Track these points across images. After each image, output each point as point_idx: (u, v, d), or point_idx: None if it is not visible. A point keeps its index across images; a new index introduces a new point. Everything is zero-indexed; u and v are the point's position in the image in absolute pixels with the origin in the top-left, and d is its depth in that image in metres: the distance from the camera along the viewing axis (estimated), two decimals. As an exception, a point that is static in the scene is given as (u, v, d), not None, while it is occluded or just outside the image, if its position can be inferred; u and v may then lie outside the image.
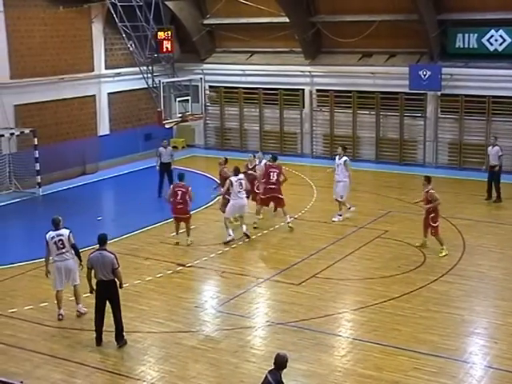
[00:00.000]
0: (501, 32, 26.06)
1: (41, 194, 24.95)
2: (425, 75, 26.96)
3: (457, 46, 26.90)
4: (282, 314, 14.61)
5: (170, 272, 17.06)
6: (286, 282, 16.30)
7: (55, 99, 26.86)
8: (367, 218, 21.02)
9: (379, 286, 15.97)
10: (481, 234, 19.66)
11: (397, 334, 13.49)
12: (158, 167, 24.21)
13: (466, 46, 26.75)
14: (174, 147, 32.03)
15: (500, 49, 26.16)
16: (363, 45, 28.33)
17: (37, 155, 24.96)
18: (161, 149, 24.34)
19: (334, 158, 21.68)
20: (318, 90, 30.08)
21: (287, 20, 28.89)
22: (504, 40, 26.05)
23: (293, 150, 30.72)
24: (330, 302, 15.12)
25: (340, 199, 20.89)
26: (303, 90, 30.25)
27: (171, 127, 30.37)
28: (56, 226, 14.65)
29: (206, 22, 31.82)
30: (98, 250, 13.46)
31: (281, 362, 9.55)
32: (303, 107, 30.39)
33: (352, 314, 14.51)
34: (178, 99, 28.65)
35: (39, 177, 25.11)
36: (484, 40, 26.36)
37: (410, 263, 17.24)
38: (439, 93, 27.40)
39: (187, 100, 28.87)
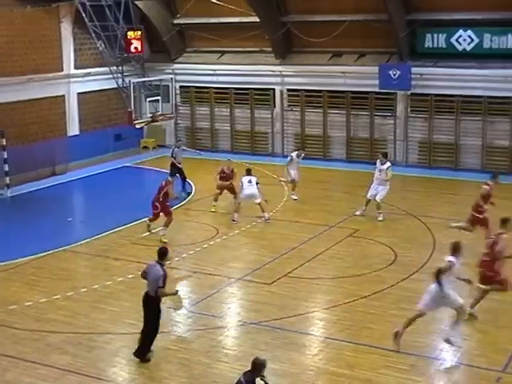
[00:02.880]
0: (469, 32, 26.29)
1: (9, 195, 24.65)
2: (394, 75, 27.12)
3: (426, 45, 27.10)
4: (254, 314, 14.60)
5: (141, 272, 16.90)
6: (258, 281, 16.29)
7: (24, 99, 26.53)
8: (338, 217, 21.08)
9: (350, 284, 16.03)
10: (451, 232, 19.79)
11: (368, 332, 13.55)
12: (179, 164, 24.14)
13: (435, 45, 26.96)
14: (145, 147, 31.97)
15: (468, 48, 26.41)
16: (333, 44, 28.41)
17: (5, 156, 24.67)
18: (176, 150, 24.27)
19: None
20: (288, 90, 30.11)
21: (257, 20, 28.91)
22: (472, 40, 26.30)
23: (264, 150, 30.72)
24: (301, 301, 15.13)
25: (379, 200, 20.76)
26: (274, 89, 30.28)
27: (142, 127, 30.25)
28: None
29: (176, 21, 31.69)
30: (156, 260, 12.74)
31: (259, 367, 9.55)
32: (274, 107, 30.41)
33: (324, 312, 14.54)
34: (148, 99, 28.58)
35: (8, 178, 24.80)
36: (453, 40, 26.60)
37: (381, 262, 17.33)
38: (409, 92, 27.59)
39: (158, 100, 28.80)
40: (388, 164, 20.79)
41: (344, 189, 24.75)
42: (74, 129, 29.28)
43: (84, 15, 26.94)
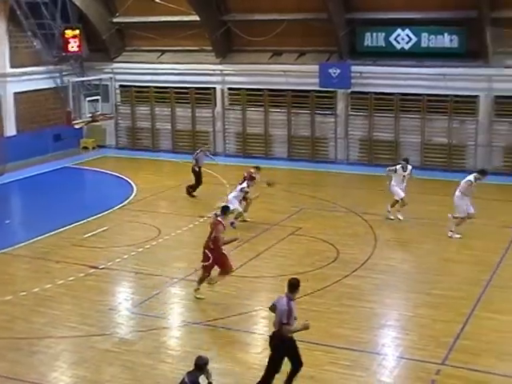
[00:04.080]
0: (407, 31, 26.68)
1: None
2: (334, 73, 27.36)
3: (365, 44, 27.38)
4: (198, 314, 14.53)
5: (82, 275, 16.69)
6: (201, 281, 16.19)
7: (-42, 99, 25.94)
8: (280, 215, 21.15)
9: (293, 282, 16.03)
10: (391, 229, 20.10)
11: (311, 329, 13.55)
12: (197, 168, 23.61)
13: (374, 44, 27.26)
14: (85, 148, 31.55)
15: (407, 47, 26.78)
16: (273, 43, 28.50)
17: None
18: (200, 154, 23.86)
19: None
20: (229, 89, 30.08)
21: (198, 18, 28.79)
22: (410, 39, 26.69)
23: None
24: (244, 299, 15.12)
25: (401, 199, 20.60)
26: (215, 88, 30.21)
27: (81, 127, 29.84)
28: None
29: (115, 20, 31.31)
30: (286, 292, 11.29)
31: (201, 364, 9.51)
32: (215, 106, 30.34)
33: (267, 311, 14.48)
34: (87, 99, 28.20)
35: None
36: (391, 39, 26.94)
37: (323, 259, 17.43)
38: (349, 90, 27.86)
39: (97, 100, 28.44)
40: (410, 167, 20.75)
41: (286, 187, 24.81)
42: (11, 129, 28.69)
43: (19, 12, 26.37)
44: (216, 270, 15.27)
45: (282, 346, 11.09)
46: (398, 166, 20.58)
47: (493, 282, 15.83)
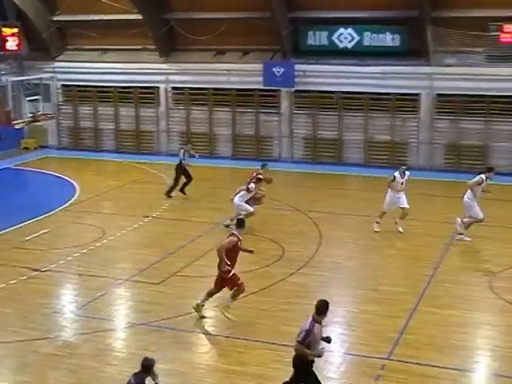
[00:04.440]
0: (349, 30, 26.94)
1: None
2: (278, 72, 27.45)
3: (308, 43, 27.55)
4: (143, 315, 14.37)
5: (24, 278, 16.35)
6: (146, 281, 16.05)
7: None
8: (225, 214, 21.08)
9: (239, 281, 16.01)
10: (336, 226, 20.24)
11: (258, 327, 13.61)
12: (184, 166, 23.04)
13: (317, 43, 27.45)
14: (26, 148, 30.98)
15: (349, 46, 27.04)
16: (217, 42, 28.46)
17: None
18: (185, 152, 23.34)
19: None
20: (173, 88, 29.91)
21: (140, 17, 28.54)
22: (353, 38, 26.95)
23: (149, 149, 30.39)
24: (190, 299, 14.98)
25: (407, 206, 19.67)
26: (158, 87, 30.00)
27: (22, 128, 29.27)
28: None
29: (55, 18, 30.83)
30: (313, 314, 10.70)
31: (147, 365, 9.43)
32: (159, 105, 30.12)
33: (213, 310, 14.46)
34: (27, 98, 27.68)
35: None
36: (334, 38, 27.16)
37: (269, 257, 17.44)
38: (293, 89, 27.96)
39: (38, 99, 27.96)
40: (408, 173, 19.70)
41: (231, 186, 24.69)
42: None
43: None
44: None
45: (300, 365, 10.50)
46: (397, 173, 19.21)
47: (435, 277, 16.08)
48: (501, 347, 12.73)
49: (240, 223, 14.45)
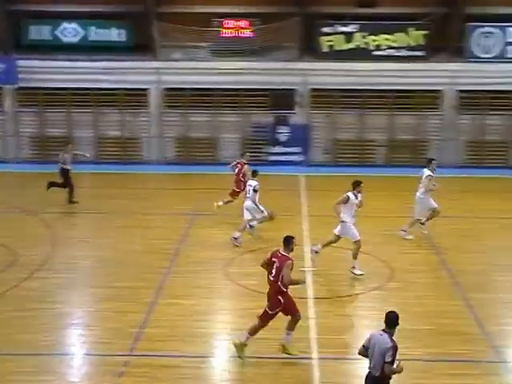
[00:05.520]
0: (74, 25, 26.47)
1: None
2: (0, 68, 26.20)
3: (31, 37, 26.60)
4: None
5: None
6: None
7: None
8: None
9: None
10: (70, 226, 19.83)
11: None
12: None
13: (41, 38, 26.64)
14: None
15: (74, 41, 26.55)
16: None
17: None
18: (66, 155, 21.02)
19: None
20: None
21: None
22: (78, 32, 26.54)
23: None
24: None
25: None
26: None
27: None
28: None
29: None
30: (383, 329, 9.61)
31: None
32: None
33: None
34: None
35: None
36: (58, 32, 26.55)
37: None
38: (16, 86, 26.73)
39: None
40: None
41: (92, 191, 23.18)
42: None
43: None
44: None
45: None
46: (350, 193, 15.94)
47: (172, 269, 16.35)
48: (240, 330, 12.99)
49: (287, 241, 12.06)
